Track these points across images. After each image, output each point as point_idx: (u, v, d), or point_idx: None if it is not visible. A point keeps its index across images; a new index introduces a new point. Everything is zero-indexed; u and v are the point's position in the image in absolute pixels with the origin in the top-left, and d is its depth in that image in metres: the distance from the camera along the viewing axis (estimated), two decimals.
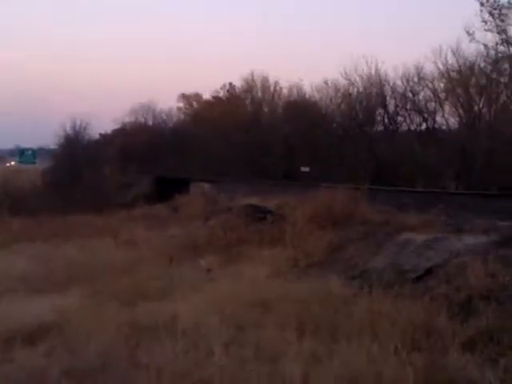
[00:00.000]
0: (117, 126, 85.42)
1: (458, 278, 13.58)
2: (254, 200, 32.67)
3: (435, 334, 10.88)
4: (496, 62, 36.33)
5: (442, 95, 43.41)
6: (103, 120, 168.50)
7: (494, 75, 37.86)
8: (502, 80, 37.65)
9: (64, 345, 12.43)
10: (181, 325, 12.63)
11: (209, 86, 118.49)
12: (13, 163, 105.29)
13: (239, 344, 11.05)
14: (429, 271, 15.00)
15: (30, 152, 77.85)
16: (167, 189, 49.55)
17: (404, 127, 46.74)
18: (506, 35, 32.77)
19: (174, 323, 12.92)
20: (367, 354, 9.95)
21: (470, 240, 16.15)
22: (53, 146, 76.66)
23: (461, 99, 41.13)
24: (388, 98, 46.82)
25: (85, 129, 68.82)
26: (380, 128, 48.36)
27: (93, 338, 12.40)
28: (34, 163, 78.19)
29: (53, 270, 23.02)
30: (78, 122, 67.59)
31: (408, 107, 45.56)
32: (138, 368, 9.94)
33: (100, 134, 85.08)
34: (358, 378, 8.87)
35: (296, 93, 57.95)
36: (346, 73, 48.54)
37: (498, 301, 11.84)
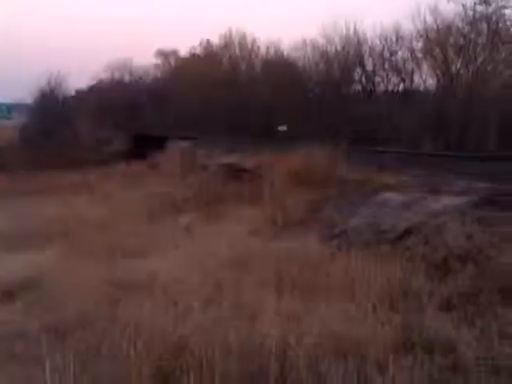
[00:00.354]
0: (93, 83, 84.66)
1: (435, 238, 13.68)
2: (231, 158, 32.67)
3: (412, 294, 10.98)
4: (474, 22, 36.25)
5: (420, 55, 43.31)
6: (80, 76, 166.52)
7: (472, 35, 37.78)
8: (480, 40, 37.59)
9: (42, 301, 12.44)
10: (159, 282, 12.68)
11: (186, 42, 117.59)
12: None
13: (218, 302, 11.09)
14: (407, 231, 15.09)
15: (4, 107, 76.92)
16: (144, 146, 49.40)
17: (382, 88, 46.69)
18: None
19: (152, 280, 12.96)
20: (345, 313, 10.02)
21: (448, 201, 16.23)
22: (29, 102, 75.84)
23: (438, 59, 41.04)
24: (366, 57, 46.67)
25: (60, 85, 68.07)
26: (358, 88, 48.28)
27: (71, 295, 12.43)
28: (9, 119, 77.29)
29: (29, 226, 22.88)
30: (54, 78, 66.84)
31: (386, 67, 45.45)
32: (116, 324, 9.95)
33: (76, 90, 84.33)
34: (335, 337, 8.93)
35: (274, 51, 57.65)
36: (324, 32, 48.35)
37: (475, 262, 11.94)
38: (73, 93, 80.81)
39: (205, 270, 13.81)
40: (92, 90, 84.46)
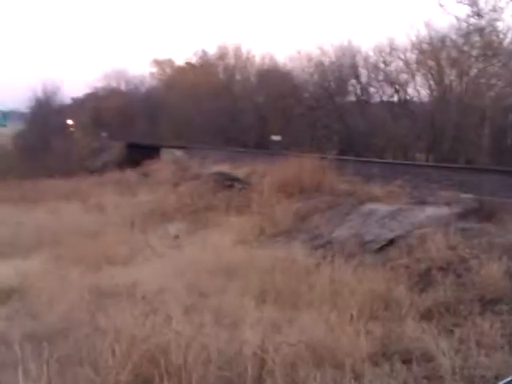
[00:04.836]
0: (89, 91, 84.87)
1: (419, 249, 13.75)
2: (224, 167, 32.79)
3: (393, 304, 11.04)
4: (467, 34, 36.41)
5: (414, 67, 43.50)
6: (76, 84, 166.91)
7: (465, 48, 37.96)
8: (473, 53, 37.76)
9: (26, 309, 12.50)
10: (142, 290, 12.74)
11: (182, 52, 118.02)
12: None
13: (200, 310, 11.14)
14: (391, 242, 15.20)
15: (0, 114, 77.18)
16: (138, 155, 49.61)
17: (376, 98, 46.88)
18: (477, 7, 32.85)
19: (135, 289, 13.03)
20: (326, 322, 10.07)
21: (432, 212, 16.34)
22: (25, 110, 76.05)
23: (432, 71, 41.26)
24: (360, 68, 46.91)
25: (56, 93, 68.32)
26: (352, 99, 48.48)
27: (55, 303, 12.48)
28: (4, 126, 77.49)
29: (20, 233, 23.02)
30: (50, 86, 67.06)
31: (380, 78, 45.65)
32: (98, 332, 10.00)
33: (72, 99, 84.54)
34: (315, 345, 8.99)
35: (269, 61, 57.95)
36: (319, 43, 48.63)
37: (456, 273, 12.03)
38: (69, 101, 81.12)
39: (189, 278, 13.87)
40: (88, 98, 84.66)
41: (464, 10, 34.37)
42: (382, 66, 45.25)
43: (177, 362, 8.07)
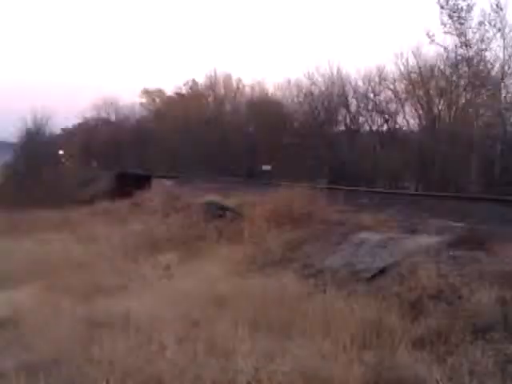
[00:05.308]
0: (79, 121, 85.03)
1: (410, 278, 13.79)
2: (215, 197, 32.78)
3: (386, 333, 11.07)
4: (455, 64, 36.81)
5: (403, 96, 43.87)
6: (65, 115, 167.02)
7: (454, 78, 38.33)
8: (462, 82, 38.13)
9: (18, 340, 12.43)
10: (135, 320, 12.71)
11: (172, 81, 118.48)
12: None
13: (192, 340, 11.14)
14: (382, 271, 15.24)
15: None
16: (129, 185, 49.56)
17: (365, 128, 47.17)
18: (465, 38, 33.32)
19: (128, 319, 13.00)
20: (319, 351, 10.09)
21: (423, 240, 16.41)
22: (13, 140, 75.98)
23: (421, 101, 41.64)
24: (350, 98, 47.25)
25: (46, 123, 68.31)
26: (341, 128, 48.77)
27: (47, 334, 12.44)
28: None
29: (9, 264, 22.84)
30: (39, 116, 67.06)
31: (369, 108, 45.98)
32: (91, 363, 9.99)
33: (62, 129, 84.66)
34: (308, 374, 9.01)
35: (258, 91, 58.29)
36: (308, 73, 48.96)
37: (448, 301, 12.08)
38: (58, 131, 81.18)
39: (181, 309, 13.86)
40: (78, 128, 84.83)
41: (452, 41, 34.73)
42: (371, 95, 45.61)
43: None
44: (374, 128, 46.22)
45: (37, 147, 64.78)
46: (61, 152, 75.04)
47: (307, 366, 9.32)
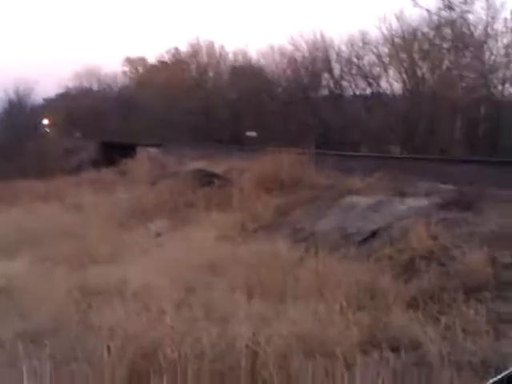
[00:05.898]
0: (61, 91, 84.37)
1: (401, 240, 13.94)
2: (201, 164, 32.82)
3: (379, 294, 11.21)
4: (438, 27, 36.76)
5: (387, 60, 43.80)
6: (48, 85, 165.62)
7: (437, 40, 38.30)
8: (445, 45, 38.11)
9: (15, 309, 12.50)
10: (131, 287, 12.82)
11: (154, 50, 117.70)
12: None
13: (189, 305, 11.25)
14: (373, 234, 15.39)
15: None
16: (113, 154, 49.44)
17: (349, 92, 47.12)
18: (448, 0, 33.18)
19: (124, 286, 13.09)
20: (314, 314, 10.22)
21: (412, 203, 16.54)
22: None
23: (404, 64, 41.59)
24: (333, 62, 47.12)
25: (28, 94, 67.90)
26: (325, 93, 48.69)
27: (43, 303, 12.49)
28: None
29: None
30: (22, 87, 66.63)
31: (353, 72, 45.91)
32: (90, 330, 10.09)
33: (44, 99, 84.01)
34: (304, 337, 9.13)
35: (242, 58, 58.01)
36: (291, 38, 48.74)
37: (439, 262, 12.23)
38: (41, 101, 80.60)
39: (175, 275, 13.96)
40: (60, 98, 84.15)
41: (435, 3, 34.61)
42: (354, 59, 45.51)
43: (172, 357, 8.19)
44: (358, 92, 46.19)
45: (20, 118, 64.42)
46: (44, 122, 74.59)
47: (304, 329, 9.44)
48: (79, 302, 12.32)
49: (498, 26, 35.85)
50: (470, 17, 35.20)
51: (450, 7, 33.61)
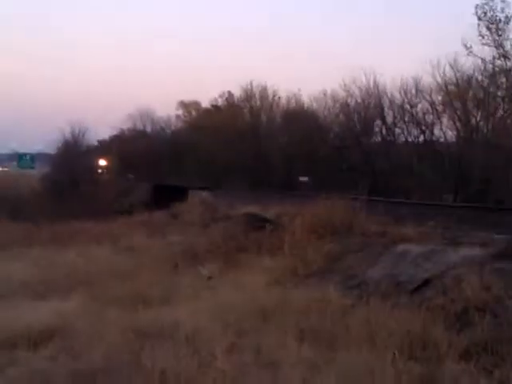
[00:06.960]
0: (115, 133, 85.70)
1: (454, 289, 13.80)
2: (252, 209, 32.89)
3: (431, 344, 11.11)
4: (493, 75, 36.56)
5: (440, 108, 43.57)
6: (102, 127, 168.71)
7: (491, 89, 38.08)
8: (500, 94, 37.86)
9: (68, 349, 12.65)
10: (182, 330, 12.87)
11: (207, 94, 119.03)
12: (6, 169, 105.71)
13: (240, 350, 11.27)
14: (425, 282, 15.24)
15: (28, 157, 78.18)
16: (165, 196, 49.81)
17: (402, 139, 46.90)
18: (503, 49, 33.08)
19: (175, 329, 13.15)
20: (365, 363, 10.15)
21: (466, 252, 16.36)
22: (51, 151, 76.76)
23: (458, 112, 41.31)
24: (386, 109, 47.00)
25: (83, 135, 69.13)
26: (378, 139, 48.57)
27: (96, 343, 12.64)
28: (32, 168, 78.52)
29: (53, 275, 23.13)
30: (77, 128, 67.89)
31: (406, 119, 45.74)
32: (141, 371, 10.16)
33: (98, 141, 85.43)
34: None
35: (294, 103, 58.23)
36: (344, 84, 48.86)
37: (493, 313, 12.09)
38: (95, 143, 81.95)
39: (226, 319, 13.99)
40: (114, 140, 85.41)
41: (489, 52, 34.51)
42: (407, 106, 45.41)
43: None
44: (410, 139, 45.94)
45: (74, 159, 65.47)
46: (98, 163, 75.71)
47: (355, 378, 9.40)
48: (131, 343, 12.42)
49: None
50: None
51: (505, 56, 33.53)
